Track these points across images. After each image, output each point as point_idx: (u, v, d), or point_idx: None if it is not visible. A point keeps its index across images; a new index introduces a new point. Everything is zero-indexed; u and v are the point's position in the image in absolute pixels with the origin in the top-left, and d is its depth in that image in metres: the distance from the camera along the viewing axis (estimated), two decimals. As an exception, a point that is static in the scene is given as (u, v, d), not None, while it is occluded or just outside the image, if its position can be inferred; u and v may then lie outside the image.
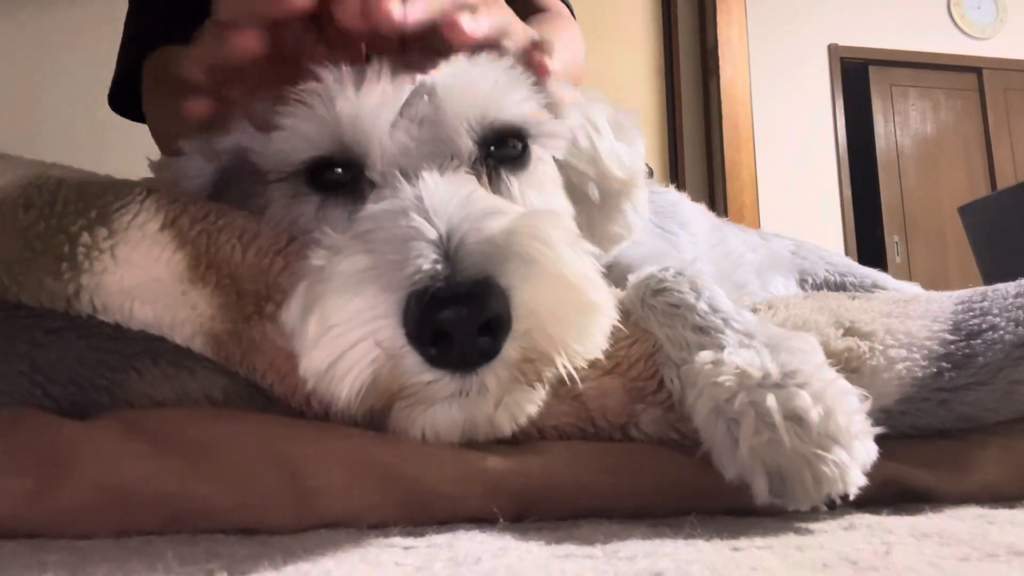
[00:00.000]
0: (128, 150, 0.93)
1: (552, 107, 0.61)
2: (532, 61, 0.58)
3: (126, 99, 1.00)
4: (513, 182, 0.56)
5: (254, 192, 0.59)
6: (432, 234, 0.42)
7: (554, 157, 0.62)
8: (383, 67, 0.54)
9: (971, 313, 0.57)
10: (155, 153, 0.93)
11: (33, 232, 0.49)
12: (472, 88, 0.54)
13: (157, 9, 0.96)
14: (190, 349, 0.52)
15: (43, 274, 0.49)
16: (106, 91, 1.02)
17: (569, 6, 1.09)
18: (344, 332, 0.42)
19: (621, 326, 0.51)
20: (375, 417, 0.47)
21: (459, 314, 0.40)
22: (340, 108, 0.52)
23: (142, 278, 0.49)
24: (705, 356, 0.48)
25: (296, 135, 0.54)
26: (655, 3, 4.11)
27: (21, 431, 0.46)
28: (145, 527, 0.43)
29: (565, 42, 0.89)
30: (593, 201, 0.66)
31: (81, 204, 0.50)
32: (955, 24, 4.42)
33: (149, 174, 0.62)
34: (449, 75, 0.54)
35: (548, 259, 0.43)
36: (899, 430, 0.53)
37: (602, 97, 0.69)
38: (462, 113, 0.53)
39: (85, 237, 0.49)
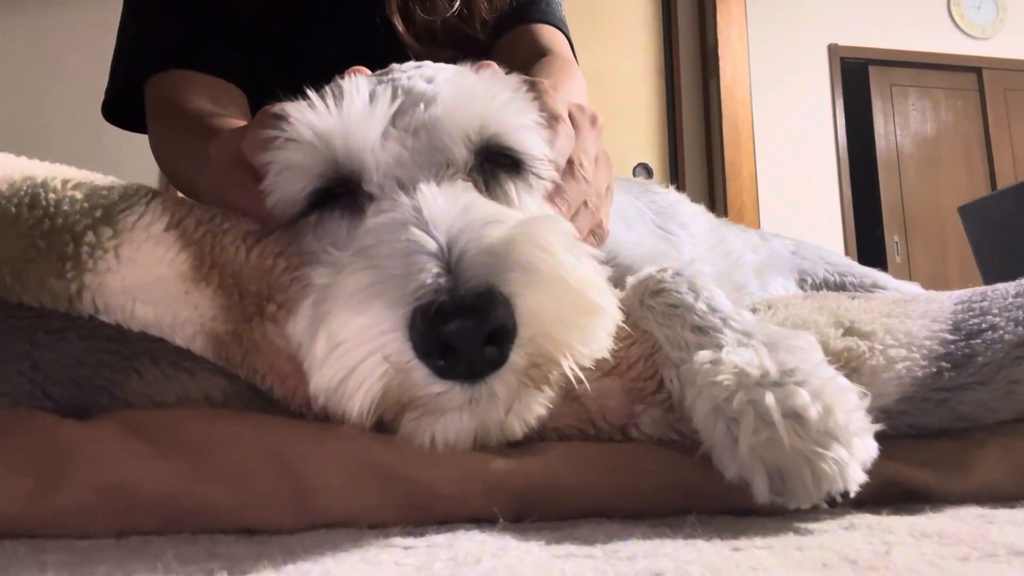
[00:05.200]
0: (128, 152, 0.93)
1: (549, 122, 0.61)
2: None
3: (121, 111, 1.00)
4: (510, 187, 0.56)
5: None
6: (432, 246, 0.43)
7: None
8: (361, 79, 0.54)
9: (971, 313, 0.57)
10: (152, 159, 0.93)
11: (38, 231, 0.49)
12: (474, 102, 0.54)
13: (156, 28, 0.95)
14: (190, 351, 0.52)
15: (46, 273, 0.49)
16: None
17: (571, 42, 1.08)
18: (352, 348, 0.42)
19: (624, 326, 0.51)
20: (382, 422, 0.47)
21: (464, 327, 0.40)
22: (327, 127, 0.52)
23: (145, 278, 0.50)
24: (704, 356, 0.48)
25: (290, 171, 0.54)
26: (655, 3, 4.11)
27: (21, 431, 0.46)
28: (145, 527, 0.44)
29: (570, 88, 0.88)
30: None
31: (86, 204, 0.51)
32: (955, 24, 4.42)
33: (148, 174, 0.63)
34: (453, 86, 0.54)
35: (548, 265, 0.43)
36: (899, 430, 0.53)
37: None
38: (461, 125, 0.53)
39: (90, 236, 0.49)
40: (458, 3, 0.97)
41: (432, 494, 0.45)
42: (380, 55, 0.69)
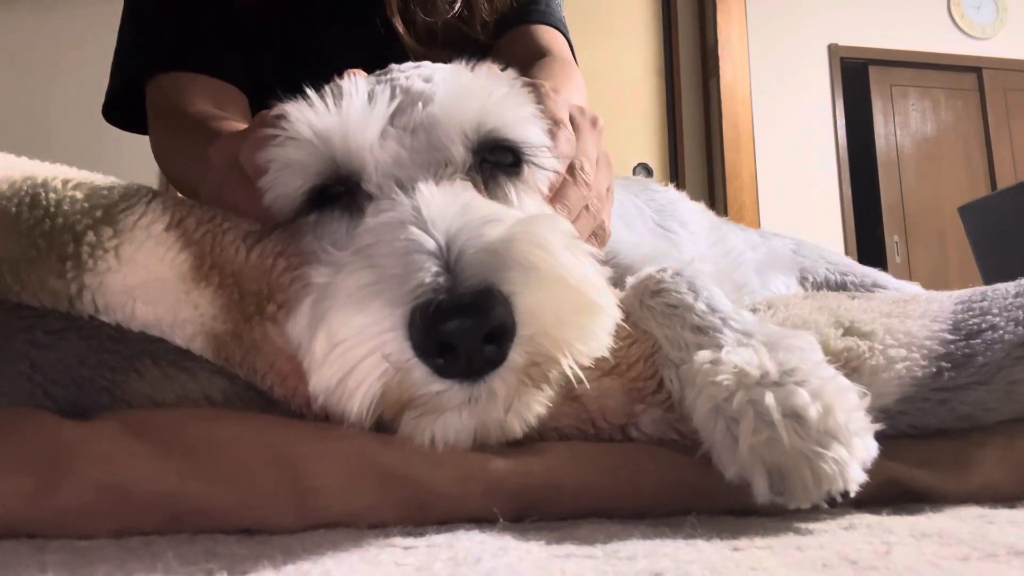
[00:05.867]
0: (128, 152, 0.93)
1: (550, 124, 0.61)
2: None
3: (121, 112, 0.99)
4: (510, 187, 0.56)
5: None
6: (431, 245, 0.43)
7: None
8: (360, 79, 0.54)
9: (971, 313, 0.57)
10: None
11: (39, 231, 0.49)
12: (470, 99, 0.54)
13: (155, 29, 0.95)
14: (190, 351, 0.52)
15: (46, 273, 0.49)
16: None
17: (570, 43, 1.09)
18: (351, 348, 0.42)
19: (624, 325, 0.51)
20: (382, 422, 0.47)
21: (463, 325, 0.40)
22: (326, 126, 0.52)
23: (145, 277, 0.50)
24: (704, 356, 0.48)
25: (289, 169, 0.54)
26: (655, 3, 4.11)
27: (21, 431, 0.46)
28: (145, 527, 0.44)
29: (570, 90, 0.89)
30: None
31: (87, 204, 0.51)
32: (955, 24, 4.42)
33: (148, 174, 0.63)
34: (450, 85, 0.54)
35: (547, 264, 0.43)
36: (899, 430, 0.53)
37: None
38: (458, 123, 0.53)
39: (90, 236, 0.49)
40: (459, 4, 0.97)
41: (432, 494, 0.45)
42: (380, 56, 0.69)
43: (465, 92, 0.54)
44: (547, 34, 1.03)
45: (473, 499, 0.45)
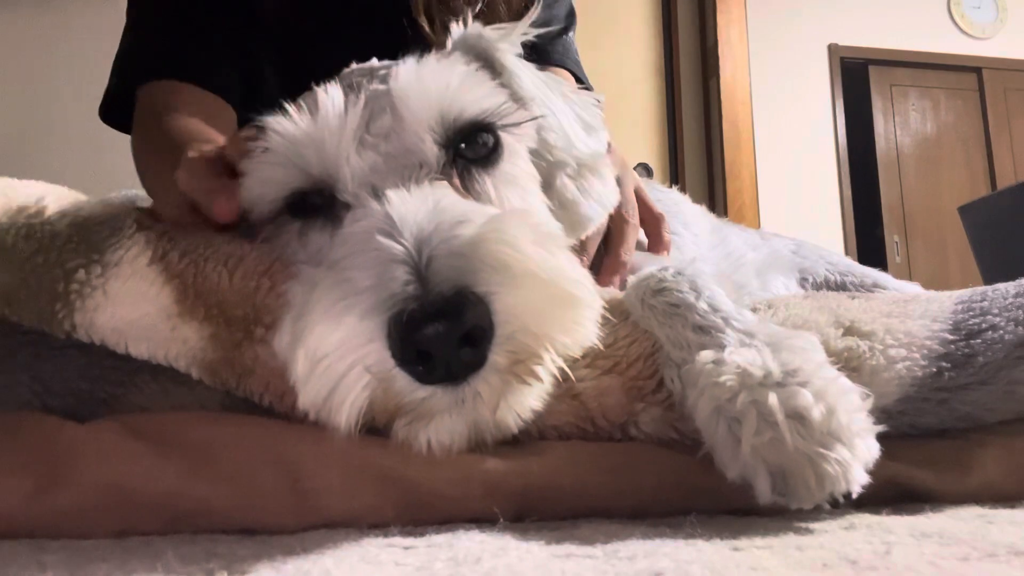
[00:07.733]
0: (126, 152, 0.92)
1: (517, 100, 0.61)
2: None
3: (118, 113, 0.99)
4: (486, 180, 0.56)
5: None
6: (401, 253, 0.42)
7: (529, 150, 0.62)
8: (334, 88, 0.54)
9: (971, 313, 0.57)
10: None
11: (31, 265, 0.49)
12: (426, 91, 0.54)
13: (156, 34, 0.95)
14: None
15: (39, 310, 0.49)
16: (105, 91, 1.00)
17: (585, 83, 1.07)
18: (333, 363, 0.42)
19: (609, 315, 0.51)
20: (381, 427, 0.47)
21: (436, 331, 0.40)
22: (300, 141, 0.52)
23: (132, 316, 0.50)
24: (706, 356, 0.48)
25: (264, 181, 0.54)
26: (655, 3, 4.11)
27: (22, 432, 0.46)
28: (145, 527, 0.44)
29: None
30: (562, 190, 0.66)
31: (77, 238, 0.51)
32: (955, 24, 4.42)
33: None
34: (403, 80, 0.54)
35: (517, 261, 0.43)
36: (899, 430, 0.53)
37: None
38: (422, 118, 0.53)
39: (81, 274, 0.49)
40: (479, 4, 0.97)
41: (432, 494, 0.46)
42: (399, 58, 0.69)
43: (423, 86, 0.54)
44: (560, 76, 1.03)
45: (473, 499, 0.46)
